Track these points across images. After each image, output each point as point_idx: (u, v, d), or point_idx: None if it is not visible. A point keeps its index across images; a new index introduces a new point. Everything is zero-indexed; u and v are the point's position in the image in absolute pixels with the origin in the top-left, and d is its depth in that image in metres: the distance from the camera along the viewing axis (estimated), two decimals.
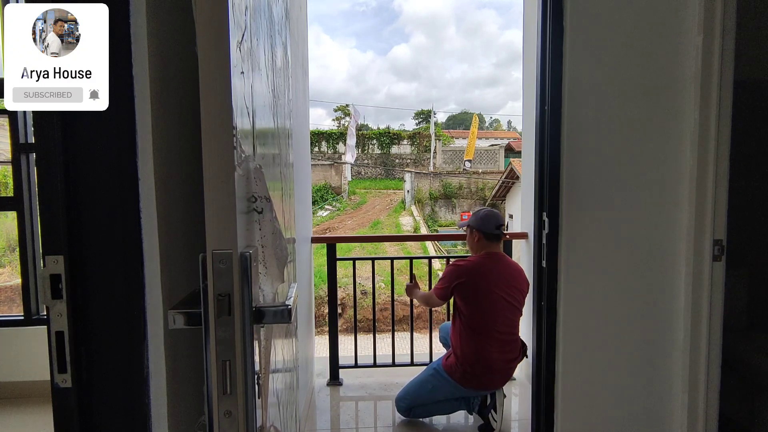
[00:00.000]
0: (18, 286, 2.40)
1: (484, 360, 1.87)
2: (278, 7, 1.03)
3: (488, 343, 1.88)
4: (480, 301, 1.89)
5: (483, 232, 1.98)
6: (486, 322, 1.89)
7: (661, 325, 1.56)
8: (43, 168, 0.70)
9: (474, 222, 2.01)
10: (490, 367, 1.88)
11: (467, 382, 1.90)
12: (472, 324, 1.89)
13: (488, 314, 1.89)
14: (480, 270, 1.92)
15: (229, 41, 0.58)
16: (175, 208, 0.82)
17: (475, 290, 1.90)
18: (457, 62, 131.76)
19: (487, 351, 1.87)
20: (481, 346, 1.88)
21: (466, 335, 1.90)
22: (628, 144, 1.52)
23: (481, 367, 1.87)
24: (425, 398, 1.99)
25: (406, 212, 17.61)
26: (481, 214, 2.03)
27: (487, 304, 1.89)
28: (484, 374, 1.88)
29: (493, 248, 1.99)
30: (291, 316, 0.69)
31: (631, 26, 1.49)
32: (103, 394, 0.74)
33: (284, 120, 1.09)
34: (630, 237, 1.55)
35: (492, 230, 1.97)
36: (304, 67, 2.23)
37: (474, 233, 1.99)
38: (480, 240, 1.98)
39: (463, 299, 1.92)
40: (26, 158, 2.14)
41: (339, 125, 29.53)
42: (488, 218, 2.00)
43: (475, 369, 1.88)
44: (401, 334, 3.26)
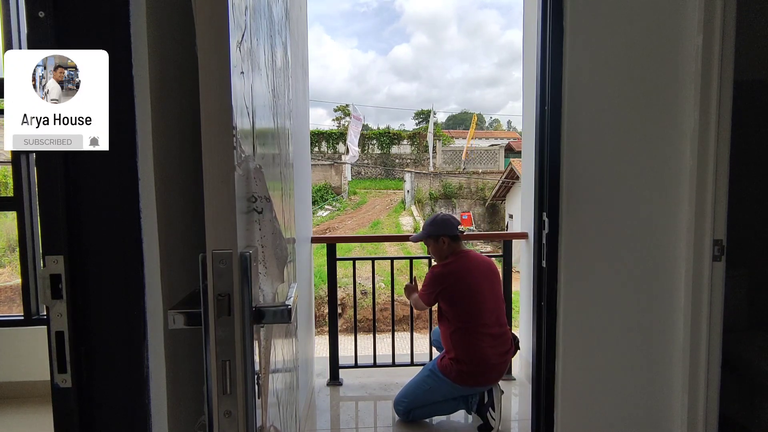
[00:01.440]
0: (18, 286, 2.40)
1: (477, 357, 1.89)
2: (278, 7, 1.03)
3: (479, 339, 1.90)
4: (465, 301, 1.93)
5: (450, 236, 2.01)
6: (474, 319, 1.92)
7: (661, 325, 1.56)
8: (43, 168, 0.70)
9: (436, 230, 2.03)
10: (485, 363, 1.89)
11: (463, 380, 1.91)
12: (461, 324, 1.92)
13: (475, 312, 1.92)
14: (459, 272, 1.96)
15: (229, 41, 0.58)
16: (175, 208, 0.82)
17: (459, 292, 1.94)
18: (458, 62, 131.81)
19: (479, 348, 1.89)
20: (474, 344, 1.90)
21: (458, 336, 1.92)
22: (628, 144, 1.52)
23: (476, 364, 1.89)
24: (423, 399, 2.00)
25: (406, 212, 17.61)
26: (440, 220, 2.06)
27: (472, 302, 1.93)
28: (480, 371, 1.90)
29: (460, 248, 2.03)
30: (291, 316, 0.69)
31: (631, 26, 1.49)
32: (103, 394, 0.74)
33: (284, 120, 1.09)
34: (630, 237, 1.55)
35: (456, 231, 2.02)
36: (304, 67, 2.23)
37: (441, 240, 2.02)
38: (449, 244, 2.01)
39: (449, 304, 1.95)
40: (26, 158, 2.14)
41: (339, 125, 29.55)
42: (448, 222, 2.05)
43: (470, 367, 1.89)
44: (401, 334, 3.25)
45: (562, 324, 1.56)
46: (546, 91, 1.53)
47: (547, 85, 1.52)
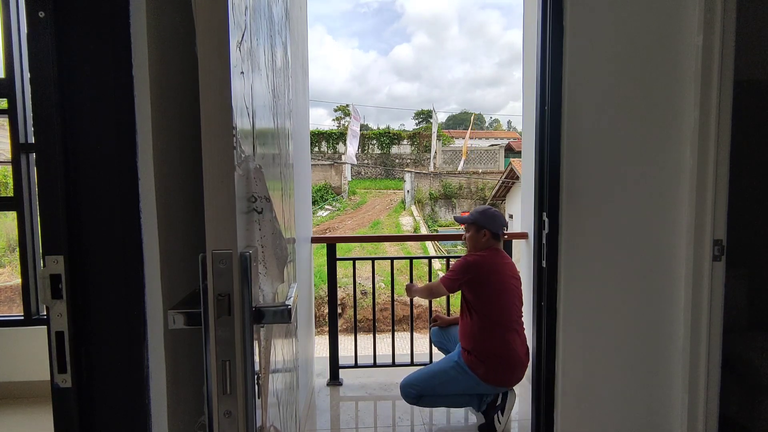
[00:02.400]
0: (18, 286, 2.40)
1: (508, 354, 1.87)
2: (278, 7, 1.03)
3: (512, 336, 1.89)
4: (498, 295, 1.92)
5: (493, 231, 2.01)
6: (506, 315, 1.91)
7: (661, 325, 1.56)
8: (43, 168, 0.70)
9: (483, 220, 2.02)
10: (515, 360, 1.88)
11: (491, 378, 1.88)
12: (493, 318, 1.89)
13: (506, 307, 1.92)
14: (493, 266, 1.95)
15: (229, 41, 0.58)
16: (175, 208, 0.82)
17: (489, 285, 1.92)
18: (459, 62, 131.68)
19: (511, 344, 1.88)
20: (506, 340, 1.88)
21: (488, 330, 1.89)
22: (628, 144, 1.52)
23: (506, 360, 1.87)
24: (440, 389, 1.95)
25: (406, 212, 17.61)
26: (490, 214, 2.05)
27: (504, 297, 1.92)
28: (509, 368, 1.88)
29: (497, 245, 2.03)
30: (291, 316, 0.69)
31: (631, 26, 1.49)
32: (103, 394, 0.74)
33: (284, 120, 1.09)
34: (630, 237, 1.55)
35: (500, 230, 2.01)
36: (304, 67, 2.23)
37: (483, 231, 2.01)
38: (488, 239, 2.01)
39: (475, 295, 1.93)
40: (26, 158, 2.14)
41: (339, 125, 29.55)
42: (497, 218, 2.04)
43: (500, 363, 1.87)
44: (401, 334, 3.26)
45: (562, 324, 1.57)
46: (546, 91, 1.53)
47: (547, 85, 1.52)
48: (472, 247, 2.05)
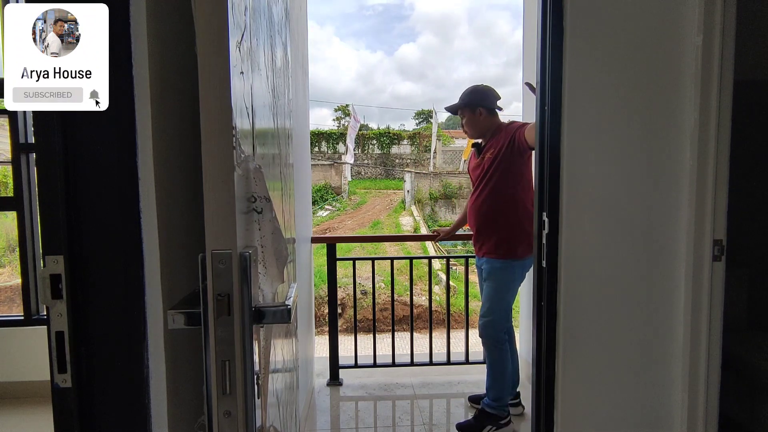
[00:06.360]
0: (18, 286, 2.40)
1: (529, 219, 1.83)
2: (278, 7, 1.03)
3: (526, 203, 1.87)
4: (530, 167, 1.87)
5: (488, 107, 1.87)
6: (527, 187, 1.88)
7: (661, 325, 1.56)
8: (43, 168, 0.70)
9: (475, 99, 1.88)
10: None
11: (527, 249, 1.84)
12: (530, 189, 1.85)
13: (526, 179, 1.88)
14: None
15: (229, 41, 0.58)
16: (175, 208, 0.82)
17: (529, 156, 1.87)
18: (465, 62, 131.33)
19: (528, 211, 1.85)
20: (528, 209, 1.86)
21: (514, 203, 1.85)
22: (627, 144, 1.52)
23: (530, 227, 1.82)
24: (507, 302, 1.91)
25: (406, 212, 17.61)
26: (480, 89, 1.91)
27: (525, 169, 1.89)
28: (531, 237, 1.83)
29: (497, 122, 1.90)
30: (291, 316, 0.69)
31: (631, 26, 1.49)
32: (103, 394, 0.74)
33: (284, 120, 1.09)
34: (630, 237, 1.55)
35: (495, 105, 1.89)
36: (304, 67, 2.23)
37: (478, 111, 1.88)
38: (486, 117, 1.88)
39: (525, 160, 1.86)
40: (26, 158, 2.15)
41: (339, 125, 29.56)
42: (488, 92, 1.90)
43: (528, 230, 1.82)
44: (401, 334, 3.25)
45: (562, 324, 1.56)
46: (546, 91, 1.53)
47: (547, 85, 1.52)
48: (473, 133, 1.92)
